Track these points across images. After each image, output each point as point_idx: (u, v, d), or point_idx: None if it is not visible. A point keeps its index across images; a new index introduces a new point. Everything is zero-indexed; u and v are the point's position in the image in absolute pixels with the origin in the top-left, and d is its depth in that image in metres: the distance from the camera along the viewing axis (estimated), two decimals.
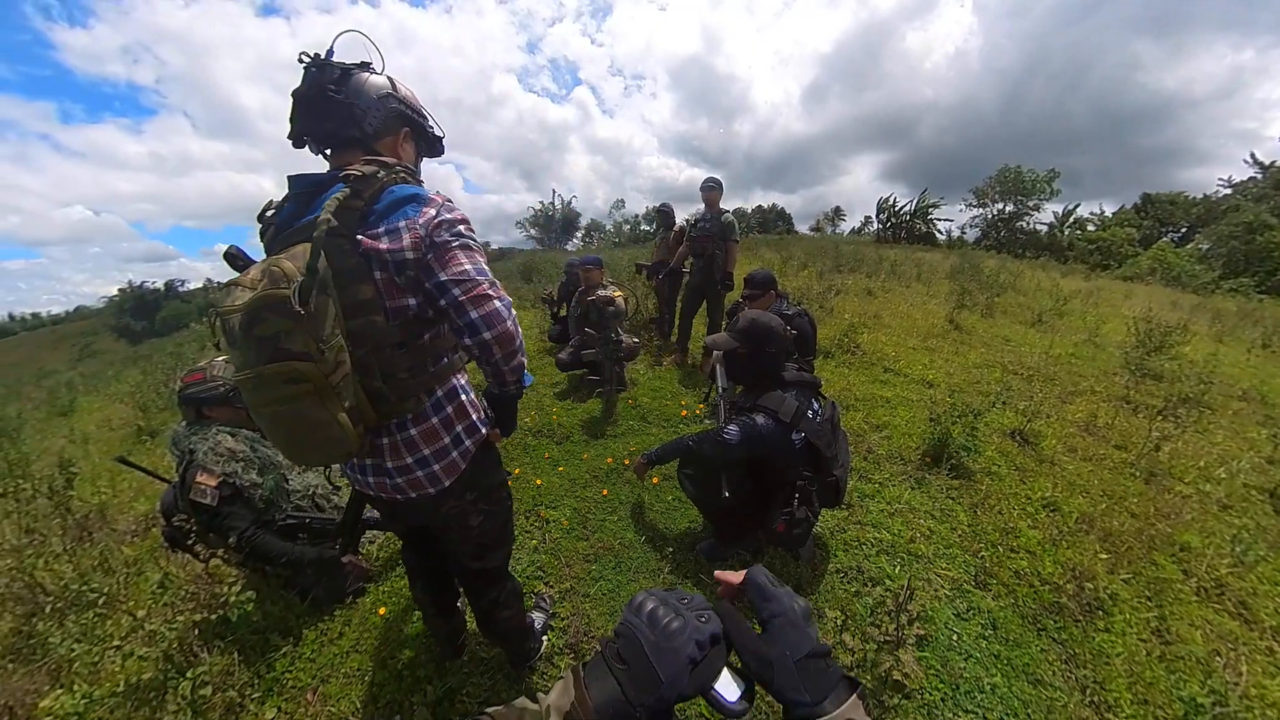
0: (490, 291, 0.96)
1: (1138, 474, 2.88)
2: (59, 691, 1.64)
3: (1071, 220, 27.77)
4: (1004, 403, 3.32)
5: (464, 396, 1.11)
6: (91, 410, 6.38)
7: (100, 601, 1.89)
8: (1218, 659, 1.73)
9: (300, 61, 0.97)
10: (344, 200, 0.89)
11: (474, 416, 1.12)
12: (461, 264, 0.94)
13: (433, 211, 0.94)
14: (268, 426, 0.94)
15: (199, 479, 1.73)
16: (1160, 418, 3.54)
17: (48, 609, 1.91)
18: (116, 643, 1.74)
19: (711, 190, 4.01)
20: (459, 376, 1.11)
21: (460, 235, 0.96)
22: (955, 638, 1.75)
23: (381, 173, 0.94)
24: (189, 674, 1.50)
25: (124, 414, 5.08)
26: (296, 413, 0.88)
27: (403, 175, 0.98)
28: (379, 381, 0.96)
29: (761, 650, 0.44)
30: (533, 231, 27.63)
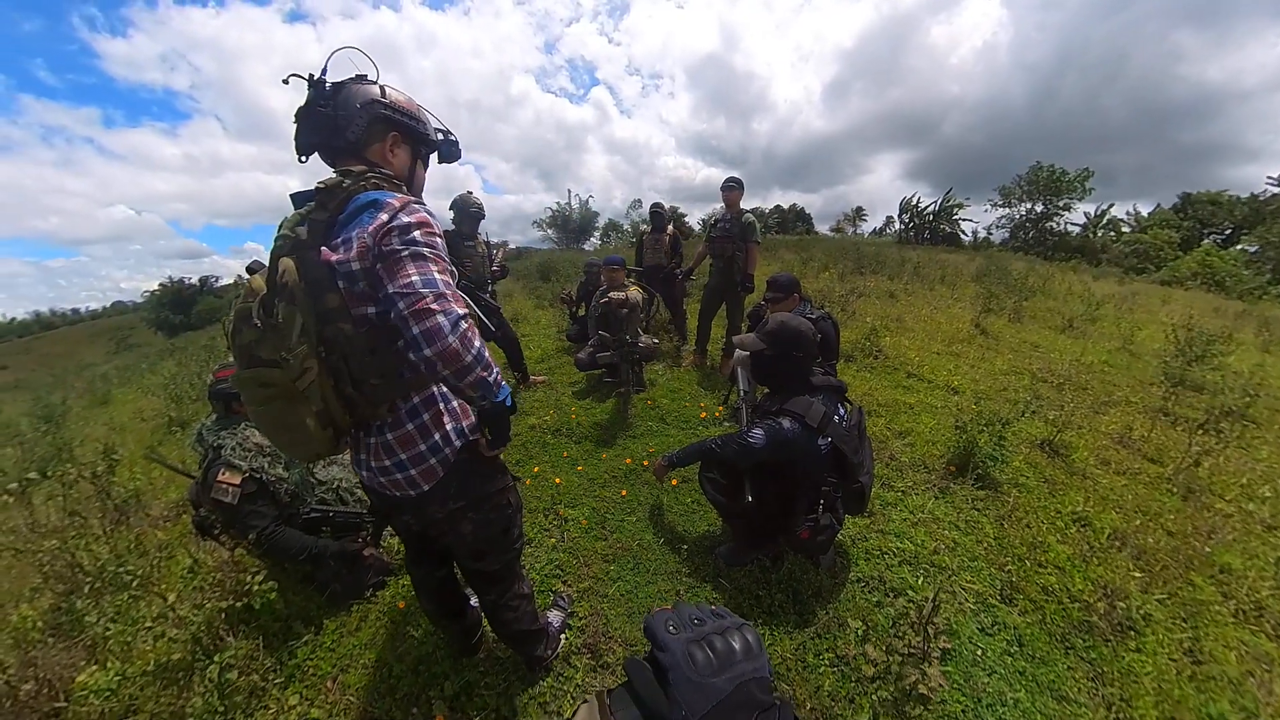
0: (433, 305, 0.89)
1: (1175, 490, 2.76)
2: (94, 668, 1.71)
3: (1105, 221, 26.75)
4: (1033, 412, 3.21)
5: (442, 405, 1.10)
6: (125, 402, 6.65)
7: (134, 584, 1.97)
8: (1251, 680, 1.67)
9: (285, 83, 0.99)
10: (308, 214, 0.95)
11: (449, 426, 1.10)
12: (409, 275, 0.89)
13: (385, 217, 0.91)
14: (257, 424, 1.02)
15: (221, 477, 1.76)
16: (1201, 431, 3.38)
17: (86, 588, 1.98)
18: (148, 624, 1.80)
19: (732, 190, 3.97)
20: (439, 385, 1.11)
21: (413, 242, 0.91)
22: (979, 653, 1.70)
23: (347, 181, 0.95)
24: (216, 658, 1.55)
25: (156, 406, 5.27)
26: (272, 413, 0.97)
27: (375, 181, 0.97)
28: (350, 387, 0.98)
29: (662, 713, 0.39)
30: (549, 232, 27.85)
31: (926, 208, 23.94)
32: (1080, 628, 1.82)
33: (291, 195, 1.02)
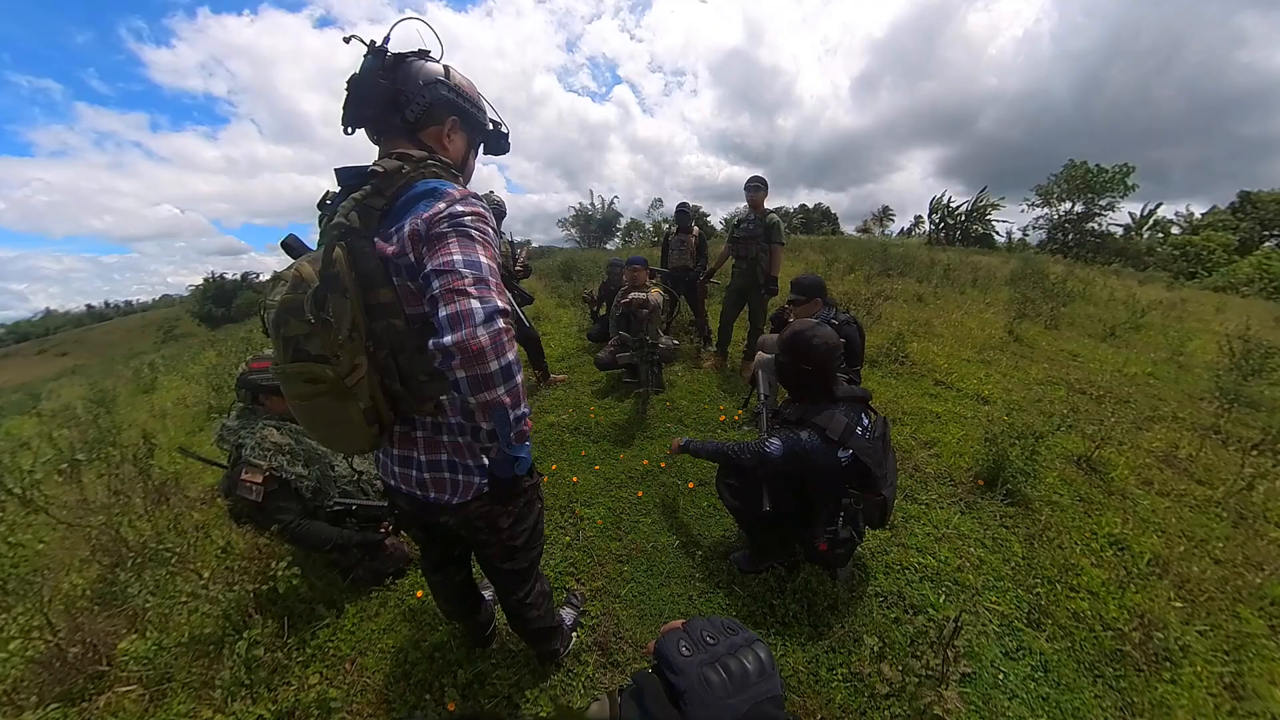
0: (470, 288, 0.79)
1: (1225, 515, 2.58)
2: (134, 636, 1.82)
3: (1152, 221, 25.23)
4: (1069, 425, 3.07)
5: None
6: (170, 389, 7.00)
7: (173, 560, 2.07)
8: None
9: (345, 41, 0.94)
10: (363, 199, 0.86)
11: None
12: (450, 253, 0.81)
13: (443, 206, 0.85)
14: (297, 417, 0.97)
15: (244, 476, 1.81)
16: (1256, 452, 3.16)
17: (129, 562, 2.09)
18: (184, 599, 1.90)
19: (756, 190, 3.92)
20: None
21: (461, 225, 0.85)
22: (1001, 676, 1.64)
23: (406, 167, 0.89)
24: (244, 634, 1.62)
25: (198, 393, 5.53)
26: (317, 408, 0.92)
27: (433, 169, 0.92)
28: (398, 384, 0.94)
29: None
30: (572, 231, 28.10)
31: (958, 207, 23.12)
32: (1111, 656, 1.73)
33: (337, 170, 0.94)
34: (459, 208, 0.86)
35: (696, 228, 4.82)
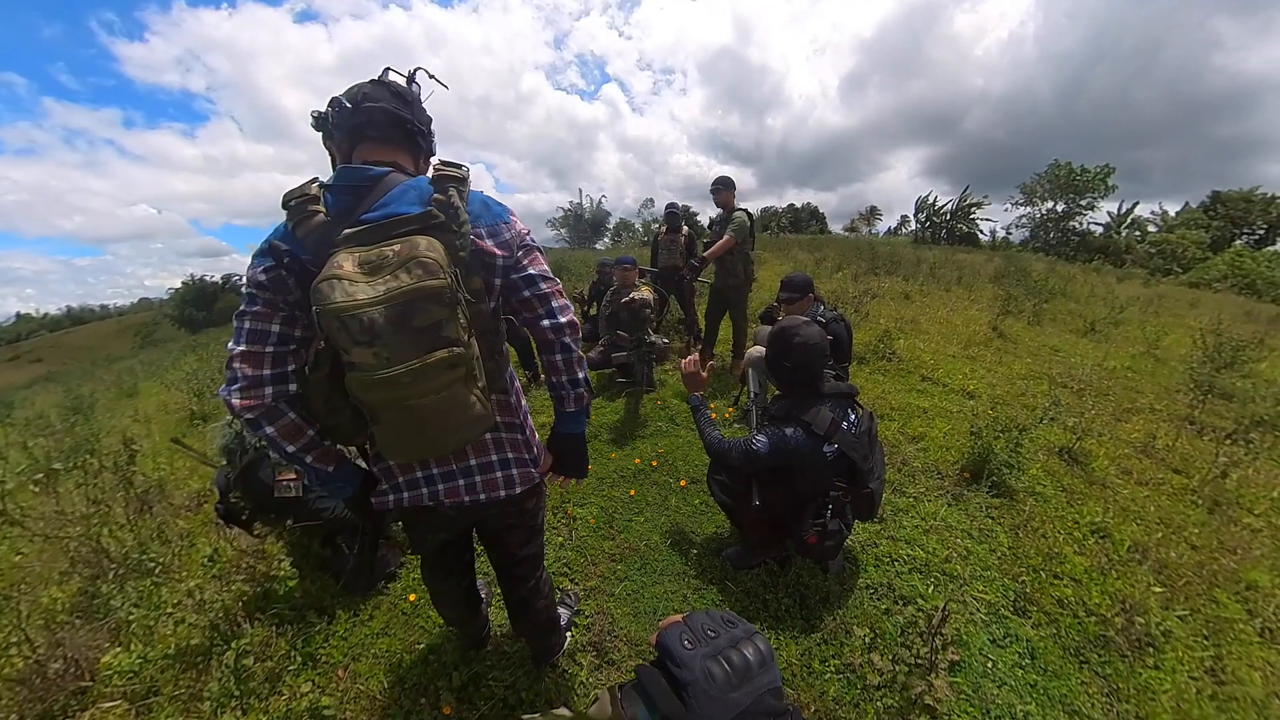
0: (559, 289, 1.12)
1: (1200, 502, 2.67)
2: (118, 650, 1.77)
3: (1129, 220, 25.93)
4: (1051, 418, 3.14)
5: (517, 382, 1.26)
6: (151, 394, 6.84)
7: (157, 570, 2.03)
8: (1276, 701, 1.62)
9: (430, 77, 1.10)
10: (448, 199, 0.93)
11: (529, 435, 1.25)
12: (541, 263, 1.10)
13: (516, 221, 1.07)
14: (416, 419, 0.91)
15: (280, 477, 1.79)
16: (1229, 441, 3.27)
17: (111, 574, 2.04)
18: (170, 609, 1.87)
19: (719, 191, 3.92)
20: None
21: (535, 241, 1.11)
22: (989, 664, 1.67)
23: (462, 174, 1.02)
24: (233, 644, 1.59)
25: (179, 399, 5.42)
26: (449, 399, 0.91)
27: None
28: (488, 362, 1.04)
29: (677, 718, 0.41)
30: (562, 231, 28.00)
31: (943, 207, 23.52)
32: (1096, 642, 1.78)
33: (346, 169, 0.98)
34: (524, 226, 1.10)
35: (686, 227, 4.85)
